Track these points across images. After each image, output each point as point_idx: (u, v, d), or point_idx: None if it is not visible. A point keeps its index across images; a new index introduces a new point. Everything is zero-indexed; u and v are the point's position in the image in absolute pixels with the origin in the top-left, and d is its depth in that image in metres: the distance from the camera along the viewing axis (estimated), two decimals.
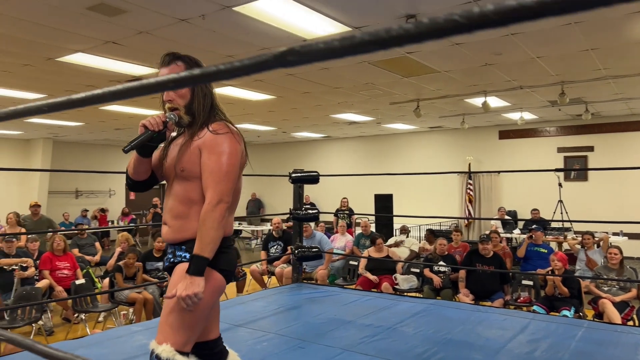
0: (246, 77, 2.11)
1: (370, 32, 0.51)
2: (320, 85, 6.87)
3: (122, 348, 2.97)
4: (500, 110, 9.23)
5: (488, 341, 3.13)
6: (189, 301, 1.65)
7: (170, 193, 1.87)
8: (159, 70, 1.82)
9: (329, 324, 3.50)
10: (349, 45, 0.52)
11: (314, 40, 4.72)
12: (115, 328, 3.59)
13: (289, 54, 0.52)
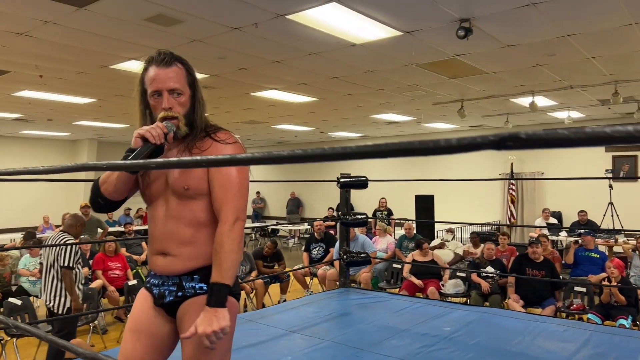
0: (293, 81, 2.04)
1: (608, 127, 0.47)
2: (363, 87, 6.84)
3: None
4: (546, 109, 8.98)
5: (550, 354, 3.06)
6: (214, 338, 1.44)
7: (168, 216, 1.59)
8: (155, 69, 1.58)
9: (383, 332, 3.49)
10: (581, 137, 0.48)
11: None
12: None
13: (509, 140, 0.51)
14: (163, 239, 1.59)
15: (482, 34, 4.36)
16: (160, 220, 1.60)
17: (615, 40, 4.76)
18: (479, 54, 5.14)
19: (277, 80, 6.33)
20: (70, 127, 10.89)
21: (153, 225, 1.64)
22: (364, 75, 6.08)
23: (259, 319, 3.83)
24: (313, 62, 5.40)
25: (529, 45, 4.86)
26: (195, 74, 1.69)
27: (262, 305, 6.35)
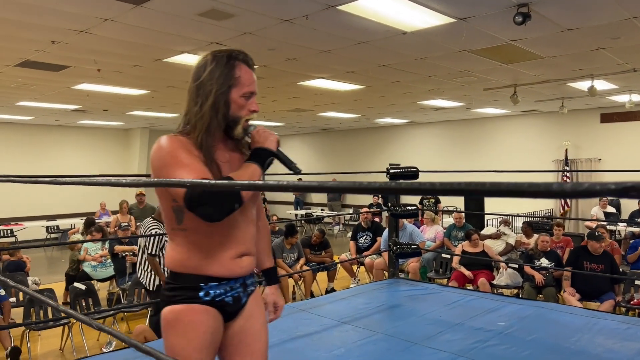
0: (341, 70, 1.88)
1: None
2: (413, 74, 6.72)
3: None
4: (605, 93, 8.54)
5: (612, 353, 2.96)
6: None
7: (248, 218, 1.60)
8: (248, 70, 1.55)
9: (436, 326, 3.47)
10: None
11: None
12: None
13: (632, 190, 0.50)
14: (247, 240, 1.59)
15: (540, 19, 4.18)
16: (242, 222, 1.56)
17: None
18: (536, 39, 4.93)
19: (325, 70, 6.31)
20: (124, 117, 11.30)
21: (234, 228, 1.54)
22: (414, 62, 5.96)
23: (310, 309, 3.89)
24: (362, 51, 5.34)
25: (592, 29, 4.61)
26: None
27: (310, 293, 6.44)
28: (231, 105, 1.51)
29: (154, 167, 1.45)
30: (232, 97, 1.50)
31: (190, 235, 1.49)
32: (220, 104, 1.49)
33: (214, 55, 1.51)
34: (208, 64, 1.50)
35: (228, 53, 1.52)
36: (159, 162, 1.43)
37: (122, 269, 6.09)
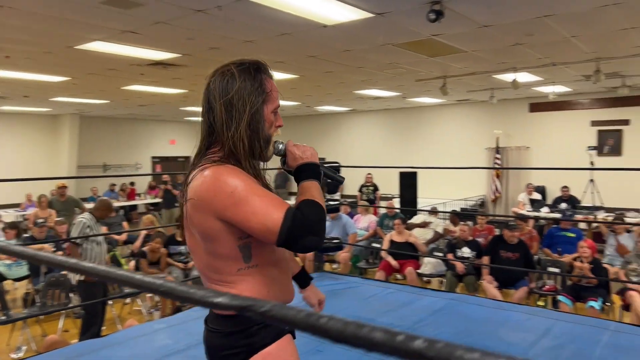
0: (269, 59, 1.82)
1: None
2: (342, 66, 6.70)
3: (143, 349, 3.04)
4: (531, 84, 8.87)
5: (510, 346, 3.08)
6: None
7: None
8: (273, 83, 1.44)
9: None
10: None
11: None
12: (136, 326, 3.67)
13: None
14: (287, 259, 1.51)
15: (455, 15, 4.23)
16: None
17: (593, 21, 4.64)
18: (456, 35, 5.01)
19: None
20: (48, 103, 10.67)
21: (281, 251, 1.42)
22: (341, 54, 5.93)
23: None
24: (286, 42, 5.25)
25: (506, 26, 4.73)
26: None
27: None
28: (265, 124, 1.37)
29: (224, 205, 1.24)
30: (265, 114, 1.37)
31: (262, 270, 1.35)
32: (256, 123, 1.35)
33: (239, 68, 1.35)
34: (235, 78, 1.33)
35: (255, 65, 1.38)
36: (231, 199, 1.24)
37: (37, 269, 5.78)
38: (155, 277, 2.09)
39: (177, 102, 10.74)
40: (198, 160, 1.36)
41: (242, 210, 1.23)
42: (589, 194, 9.04)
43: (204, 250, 1.33)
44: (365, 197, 11.04)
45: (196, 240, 1.34)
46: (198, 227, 1.30)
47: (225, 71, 1.35)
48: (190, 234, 1.35)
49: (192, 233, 1.33)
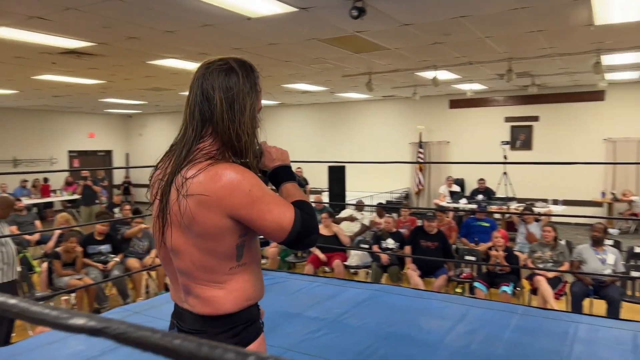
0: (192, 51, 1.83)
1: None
2: (269, 59, 6.64)
3: (54, 357, 2.86)
4: (450, 82, 9.29)
5: (428, 334, 3.22)
6: None
7: None
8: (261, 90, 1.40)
9: (274, 319, 3.48)
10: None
11: None
12: (48, 332, 3.45)
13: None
14: None
15: (377, 13, 4.32)
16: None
17: (504, 23, 4.93)
18: (379, 32, 5.12)
19: (175, 50, 5.96)
20: None
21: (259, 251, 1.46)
22: (267, 47, 5.88)
23: (146, 310, 3.69)
24: (209, 34, 5.11)
25: (425, 25, 4.91)
26: None
27: (164, 286, 6.18)
28: (257, 122, 1.37)
29: (241, 204, 1.23)
30: (256, 113, 1.36)
31: (249, 267, 1.35)
32: (254, 120, 1.34)
33: (239, 63, 1.33)
34: (237, 73, 1.30)
35: (249, 63, 1.37)
36: (249, 198, 1.24)
37: None
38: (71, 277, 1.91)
39: (95, 94, 10.16)
40: (188, 152, 1.29)
41: (258, 209, 1.25)
42: (503, 186, 9.64)
43: (199, 249, 1.28)
44: None
45: (188, 239, 1.28)
46: (201, 224, 1.25)
47: (223, 65, 1.32)
48: (181, 232, 1.28)
49: (185, 231, 1.27)
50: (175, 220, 1.27)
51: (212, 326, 1.33)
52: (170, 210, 1.27)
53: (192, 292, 1.33)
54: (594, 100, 10.62)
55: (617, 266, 5.14)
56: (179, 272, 1.35)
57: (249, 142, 1.33)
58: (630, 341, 3.00)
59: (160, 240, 1.36)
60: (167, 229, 1.30)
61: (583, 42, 5.93)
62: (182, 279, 1.35)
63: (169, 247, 1.33)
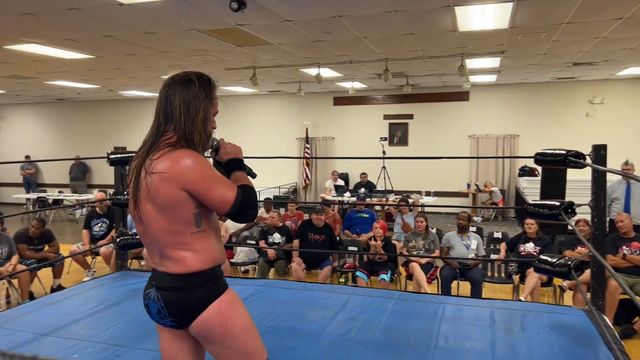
0: (57, 36, 1.99)
1: None
2: (146, 49, 6.28)
3: None
4: (333, 79, 9.57)
5: (311, 325, 3.28)
6: None
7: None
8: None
9: (152, 322, 3.31)
10: None
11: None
12: None
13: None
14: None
15: (258, 7, 4.30)
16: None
17: (379, 24, 5.19)
18: (261, 26, 5.10)
19: (36, 34, 5.38)
20: None
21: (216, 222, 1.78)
22: (143, 36, 5.55)
23: (4, 323, 3.29)
24: (76, 18, 4.69)
25: (306, 22, 4.99)
26: None
27: (28, 295, 5.59)
28: (210, 123, 1.75)
29: (193, 180, 1.58)
30: (210, 115, 1.75)
31: (208, 234, 1.68)
32: (206, 121, 1.71)
33: (197, 76, 1.72)
34: (195, 83, 1.70)
35: (207, 76, 1.77)
36: (199, 176, 1.59)
37: None
38: None
39: None
40: (154, 141, 1.66)
41: (207, 185, 1.60)
42: (382, 179, 10.19)
43: (164, 217, 1.61)
44: None
45: (155, 210, 1.62)
46: (164, 196, 1.59)
47: (184, 77, 1.71)
48: (150, 205, 1.62)
49: (151, 204, 1.62)
50: (144, 196, 1.62)
51: (185, 283, 1.64)
52: (141, 187, 1.63)
53: (166, 255, 1.66)
54: (460, 100, 11.66)
55: (479, 250, 5.71)
56: (153, 239, 1.67)
57: (201, 137, 1.68)
58: (488, 317, 3.35)
59: (135, 215, 1.69)
60: (140, 204, 1.65)
61: (449, 46, 6.46)
62: (157, 246, 1.67)
63: (143, 219, 1.65)
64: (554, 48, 6.66)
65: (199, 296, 1.65)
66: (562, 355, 2.71)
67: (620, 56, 7.39)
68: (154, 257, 1.71)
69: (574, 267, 3.08)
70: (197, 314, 1.65)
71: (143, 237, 1.74)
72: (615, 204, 6.32)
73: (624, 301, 4.76)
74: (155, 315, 1.75)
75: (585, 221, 5.18)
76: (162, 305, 1.68)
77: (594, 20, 5.17)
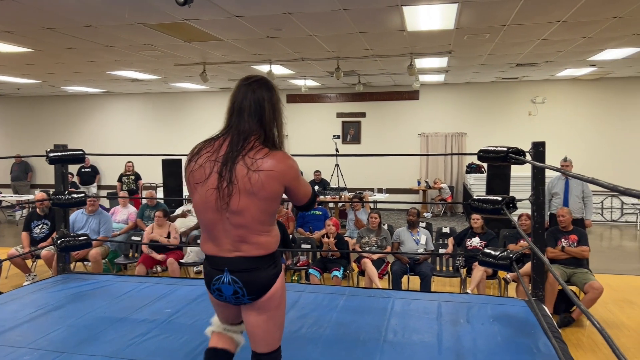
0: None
1: None
2: (89, 42, 6.03)
3: None
4: (286, 77, 9.54)
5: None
6: None
7: None
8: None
9: (96, 326, 3.20)
10: None
11: None
12: None
13: None
14: None
15: (206, 2, 4.21)
16: None
17: (329, 22, 5.20)
18: (210, 21, 5.00)
19: None
20: None
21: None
22: (85, 29, 5.32)
23: None
24: (13, 9, 4.44)
25: (256, 18, 4.94)
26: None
27: None
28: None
29: (290, 177, 1.82)
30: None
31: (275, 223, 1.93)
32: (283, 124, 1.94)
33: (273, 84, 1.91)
34: (275, 88, 1.90)
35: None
36: (296, 174, 1.87)
37: None
38: None
39: None
40: (244, 142, 1.80)
41: (299, 183, 1.90)
42: (336, 177, 10.26)
43: (260, 208, 1.78)
44: (126, 187, 10.32)
45: (253, 202, 1.77)
46: (270, 191, 1.77)
47: (267, 82, 1.89)
48: (247, 197, 1.76)
49: (251, 197, 1.76)
50: (243, 189, 1.75)
51: (263, 263, 1.85)
52: (238, 181, 1.75)
53: (249, 241, 1.82)
54: (410, 99, 11.90)
55: (428, 245, 5.85)
56: (237, 227, 1.79)
57: (282, 139, 1.92)
58: (435, 310, 3.43)
59: (216, 206, 1.78)
60: (234, 196, 1.76)
61: (398, 45, 6.57)
62: (240, 232, 1.81)
63: (233, 210, 1.77)
64: (497, 49, 6.91)
65: (272, 273, 1.87)
66: (504, 344, 2.81)
67: (559, 57, 7.76)
68: (226, 244, 1.83)
69: (515, 259, 3.21)
70: (269, 288, 1.85)
71: (216, 223, 1.81)
72: (555, 198, 6.63)
73: (562, 291, 5.01)
74: (230, 296, 1.86)
75: (527, 215, 5.41)
76: (240, 287, 1.82)
77: (535, 23, 5.40)
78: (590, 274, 4.99)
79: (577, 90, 11.09)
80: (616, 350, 1.22)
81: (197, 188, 1.82)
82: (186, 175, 1.88)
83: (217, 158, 1.80)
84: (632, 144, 10.83)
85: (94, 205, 6.20)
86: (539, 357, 2.63)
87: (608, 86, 10.90)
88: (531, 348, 2.74)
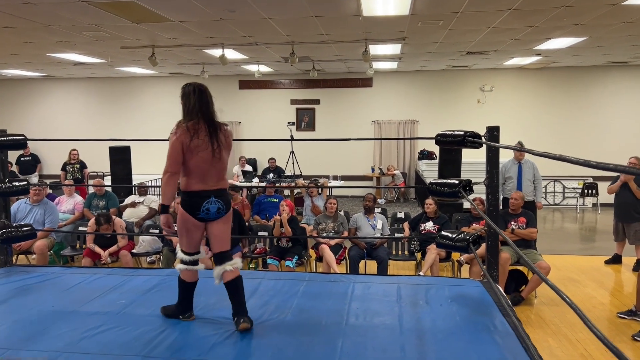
0: None
1: None
2: (26, 21, 5.64)
3: None
4: (239, 62, 9.33)
5: (222, 312, 3.18)
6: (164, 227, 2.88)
7: None
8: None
9: (44, 320, 3.02)
10: None
11: None
12: None
13: None
14: None
15: None
16: None
17: (282, 5, 5.10)
18: (159, 1, 4.79)
19: None
20: None
21: None
22: (23, 6, 4.97)
23: None
24: None
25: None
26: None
27: None
28: None
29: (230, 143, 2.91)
30: None
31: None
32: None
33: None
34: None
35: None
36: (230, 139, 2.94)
37: None
38: None
39: None
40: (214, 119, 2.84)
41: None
42: (291, 165, 10.19)
43: (226, 158, 2.85)
44: (71, 176, 9.83)
45: (225, 153, 2.81)
46: (228, 148, 2.85)
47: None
48: (224, 152, 2.80)
49: (225, 151, 2.81)
50: (223, 146, 2.77)
51: (227, 191, 2.88)
52: (221, 142, 2.75)
53: (223, 178, 2.84)
54: (364, 86, 11.96)
55: (384, 230, 5.93)
56: (219, 170, 2.80)
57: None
58: (395, 292, 3.47)
59: (211, 160, 2.72)
60: (222, 152, 2.77)
61: (353, 31, 6.56)
62: (220, 173, 2.81)
63: (220, 159, 2.77)
64: (450, 36, 7.03)
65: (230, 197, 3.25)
66: (463, 324, 2.88)
67: (508, 46, 8.00)
68: (212, 180, 2.75)
69: (471, 241, 3.29)
70: (230, 205, 2.90)
71: (209, 170, 2.73)
72: (508, 182, 6.86)
73: (513, 272, 5.21)
74: (213, 213, 2.75)
75: (480, 200, 5.57)
76: (222, 205, 2.78)
77: (486, 10, 5.52)
78: (538, 254, 5.22)
79: (523, 79, 11.51)
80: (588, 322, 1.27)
81: (199, 153, 2.67)
82: (189, 146, 2.65)
83: (211, 130, 2.73)
84: (574, 131, 11.39)
85: (39, 194, 5.85)
86: (497, 335, 2.71)
87: (552, 75, 11.38)
88: (488, 326, 2.82)
